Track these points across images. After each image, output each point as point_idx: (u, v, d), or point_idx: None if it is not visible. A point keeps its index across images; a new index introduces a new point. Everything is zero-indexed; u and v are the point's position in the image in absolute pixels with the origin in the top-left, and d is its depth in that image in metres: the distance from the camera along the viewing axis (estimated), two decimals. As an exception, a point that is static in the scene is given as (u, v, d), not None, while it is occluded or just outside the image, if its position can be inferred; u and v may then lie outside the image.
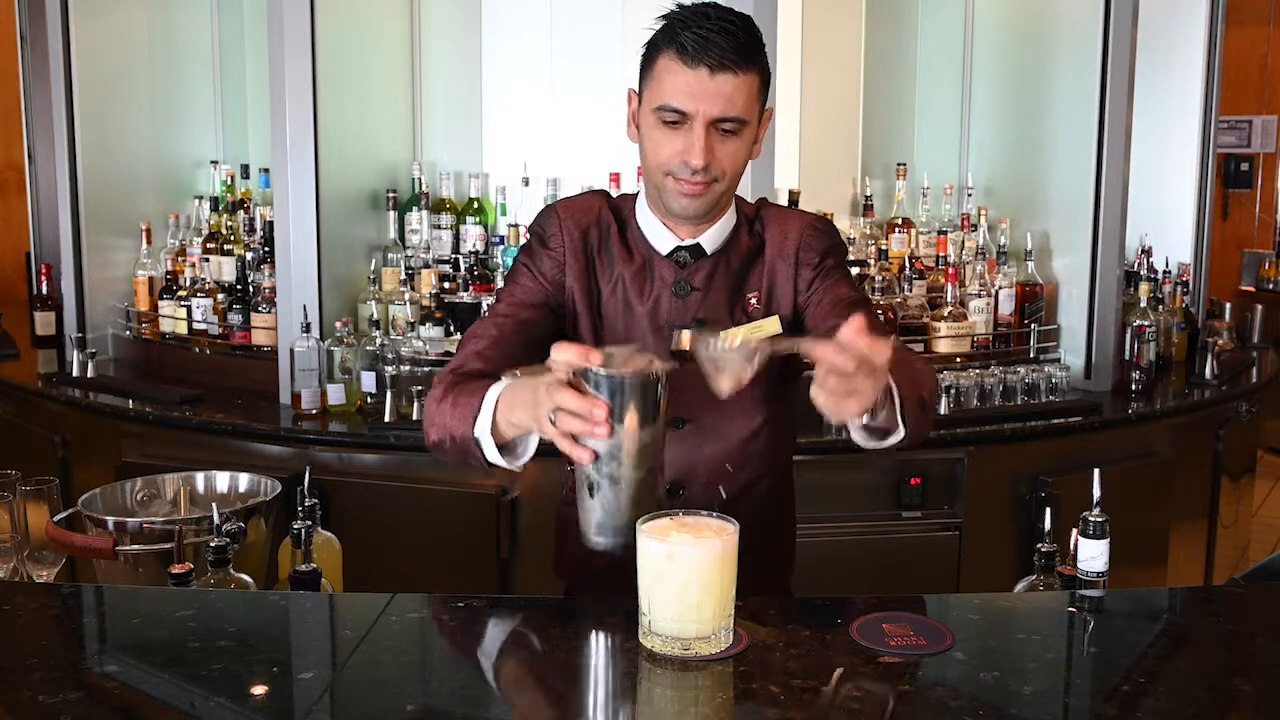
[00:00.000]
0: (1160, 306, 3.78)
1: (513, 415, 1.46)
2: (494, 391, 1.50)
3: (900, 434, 1.54)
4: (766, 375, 1.72)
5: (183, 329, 3.58)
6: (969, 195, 3.76)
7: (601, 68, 3.46)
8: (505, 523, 2.91)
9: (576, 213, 1.79)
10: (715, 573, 1.34)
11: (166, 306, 3.63)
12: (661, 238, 1.76)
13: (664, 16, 1.65)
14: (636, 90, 1.70)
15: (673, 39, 1.62)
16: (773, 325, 1.71)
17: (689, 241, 1.75)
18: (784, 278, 1.78)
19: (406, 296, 3.30)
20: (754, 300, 1.78)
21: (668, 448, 1.61)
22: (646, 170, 1.71)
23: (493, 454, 1.52)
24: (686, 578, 1.33)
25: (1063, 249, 3.58)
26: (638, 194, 1.81)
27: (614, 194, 1.88)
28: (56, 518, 1.92)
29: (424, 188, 3.52)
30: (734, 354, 1.39)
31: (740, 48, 1.60)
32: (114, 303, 3.80)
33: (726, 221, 1.77)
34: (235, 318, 3.47)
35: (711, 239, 1.76)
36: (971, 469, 3.03)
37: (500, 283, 3.02)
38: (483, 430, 1.50)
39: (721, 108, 1.61)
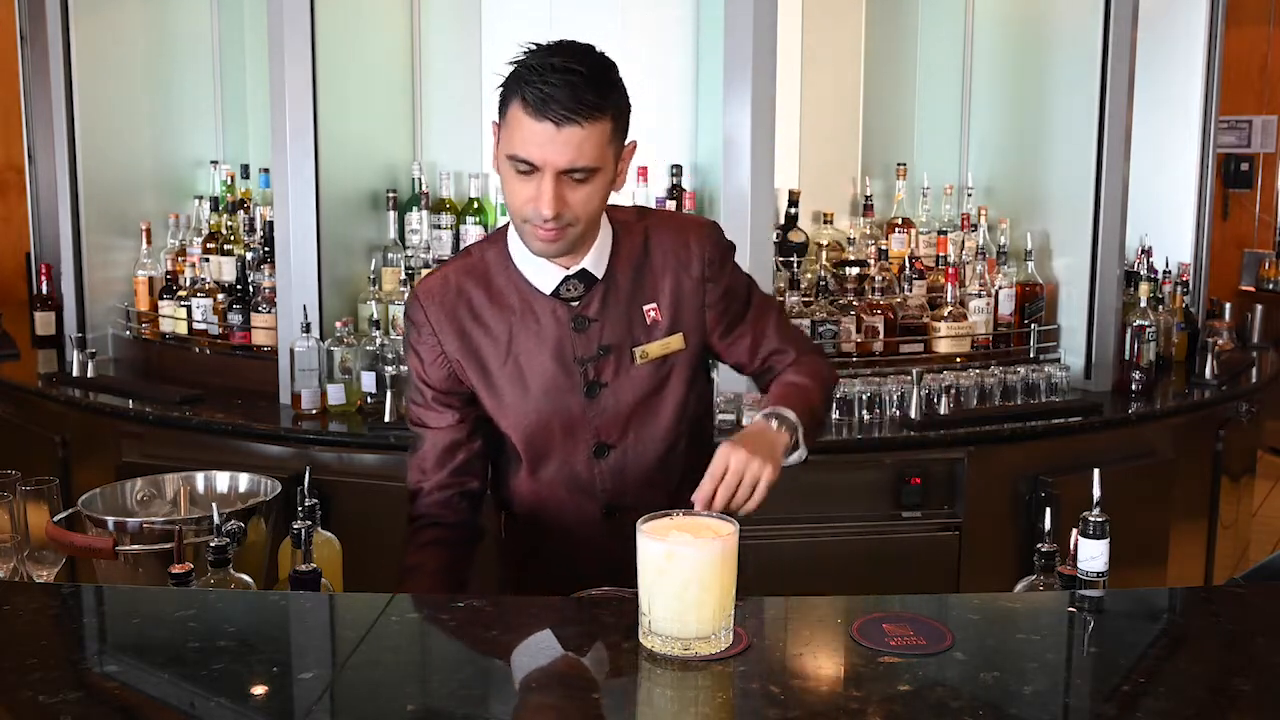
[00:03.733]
0: (1160, 306, 3.78)
1: None
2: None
3: (803, 452, 1.69)
4: (675, 388, 1.82)
5: (183, 329, 3.58)
6: (969, 195, 3.76)
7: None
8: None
9: (436, 294, 1.80)
10: (715, 572, 1.34)
11: (166, 306, 3.63)
12: (543, 272, 1.76)
13: (515, 60, 1.64)
14: (498, 123, 1.68)
15: (520, 89, 1.60)
16: (678, 342, 1.81)
17: (574, 269, 1.76)
18: (690, 290, 1.80)
19: (406, 296, 3.29)
20: (653, 313, 1.80)
21: (598, 477, 1.83)
22: (509, 211, 1.70)
23: None
24: (686, 578, 1.33)
25: (1063, 249, 3.58)
26: (506, 228, 1.80)
27: (491, 235, 1.87)
28: (56, 518, 1.92)
29: (424, 188, 3.51)
30: None
31: (586, 99, 1.58)
32: (114, 303, 3.80)
33: (603, 242, 1.78)
34: (235, 318, 3.47)
35: (594, 261, 1.77)
36: (971, 469, 3.03)
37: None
38: None
39: (569, 159, 1.59)
